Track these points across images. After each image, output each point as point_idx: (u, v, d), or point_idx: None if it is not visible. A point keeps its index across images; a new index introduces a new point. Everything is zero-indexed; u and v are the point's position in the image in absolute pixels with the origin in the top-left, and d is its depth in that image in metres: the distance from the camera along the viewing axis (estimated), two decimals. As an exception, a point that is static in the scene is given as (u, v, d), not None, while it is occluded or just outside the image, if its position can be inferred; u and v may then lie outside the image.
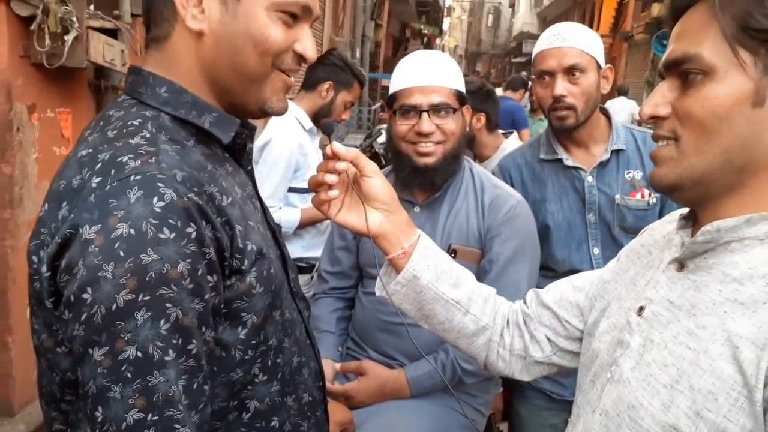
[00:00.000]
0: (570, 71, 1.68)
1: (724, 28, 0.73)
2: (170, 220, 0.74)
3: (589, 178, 1.74)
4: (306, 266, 2.52)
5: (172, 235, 0.74)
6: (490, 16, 45.66)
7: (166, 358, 0.73)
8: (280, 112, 0.96)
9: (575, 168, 1.76)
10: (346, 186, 1.08)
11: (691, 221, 0.85)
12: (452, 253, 1.62)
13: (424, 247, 1.09)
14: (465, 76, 3.09)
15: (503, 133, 2.90)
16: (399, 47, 18.94)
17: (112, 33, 2.73)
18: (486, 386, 1.71)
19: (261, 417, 0.93)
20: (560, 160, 1.79)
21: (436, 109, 1.56)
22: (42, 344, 0.82)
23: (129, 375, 0.72)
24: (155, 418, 0.72)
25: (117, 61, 2.70)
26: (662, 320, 0.81)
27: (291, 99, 2.58)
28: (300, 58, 0.93)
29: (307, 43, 0.92)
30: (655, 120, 0.80)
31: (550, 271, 1.77)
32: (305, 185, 2.48)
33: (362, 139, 7.69)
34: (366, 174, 1.06)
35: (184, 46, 0.88)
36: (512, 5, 39.74)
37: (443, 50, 45.66)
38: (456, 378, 1.61)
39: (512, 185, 1.86)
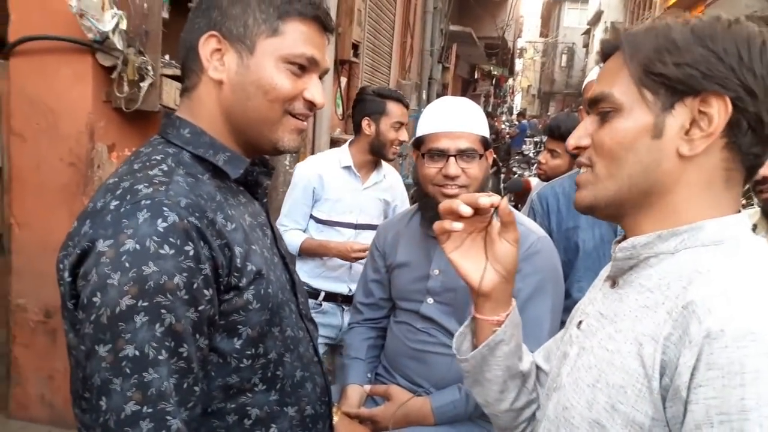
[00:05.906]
0: None
1: (631, 71, 0.85)
2: (171, 239, 0.85)
3: None
4: (309, 291, 2.60)
5: (172, 252, 0.85)
6: (564, 56, 45.35)
7: (159, 357, 0.83)
8: (293, 151, 1.08)
9: None
10: (477, 231, 1.02)
11: None
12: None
13: (515, 316, 1.05)
14: (538, 116, 3.07)
15: None
16: (467, 88, 19.13)
17: (183, 80, 3.00)
18: (510, 419, 1.74)
19: (261, 423, 1.02)
20: None
21: (462, 154, 1.64)
22: (69, 343, 0.93)
23: (128, 371, 0.82)
24: (149, 410, 0.82)
25: (187, 105, 2.95)
26: (593, 329, 0.90)
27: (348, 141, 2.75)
28: (310, 104, 1.05)
29: (314, 90, 1.04)
30: (579, 150, 0.91)
31: (570, 299, 1.78)
32: (322, 217, 2.61)
33: None
34: (507, 238, 1.00)
35: (207, 94, 1.02)
36: (586, 45, 39.41)
37: (514, 91, 45.46)
38: (480, 409, 1.66)
39: (548, 212, 1.92)
